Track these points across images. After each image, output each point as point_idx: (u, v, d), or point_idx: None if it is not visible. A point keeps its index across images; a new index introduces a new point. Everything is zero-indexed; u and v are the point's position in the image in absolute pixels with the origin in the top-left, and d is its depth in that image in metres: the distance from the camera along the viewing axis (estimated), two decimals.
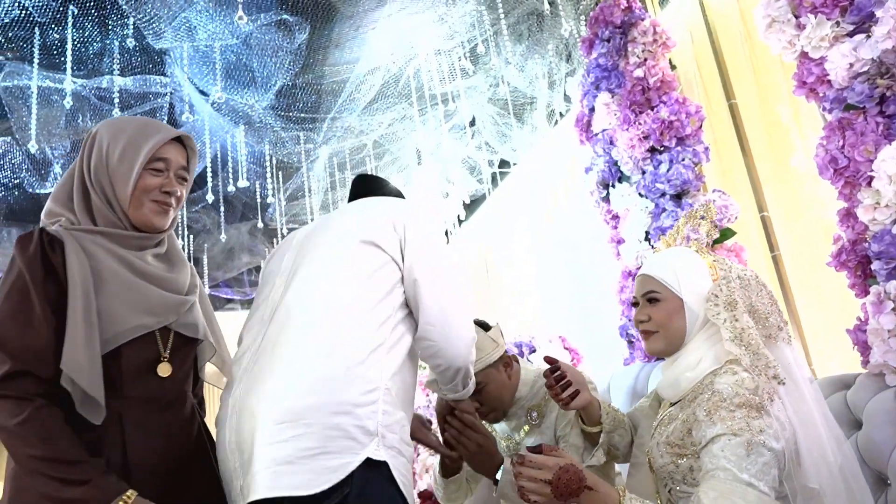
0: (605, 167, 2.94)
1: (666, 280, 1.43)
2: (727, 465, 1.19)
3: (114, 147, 1.27)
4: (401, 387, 1.31)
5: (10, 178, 4.11)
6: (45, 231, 1.20)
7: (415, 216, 1.42)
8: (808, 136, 2.78)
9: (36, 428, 1.09)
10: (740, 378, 1.28)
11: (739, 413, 1.22)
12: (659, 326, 1.43)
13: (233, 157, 4.00)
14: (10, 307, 1.14)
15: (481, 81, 3.81)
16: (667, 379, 1.44)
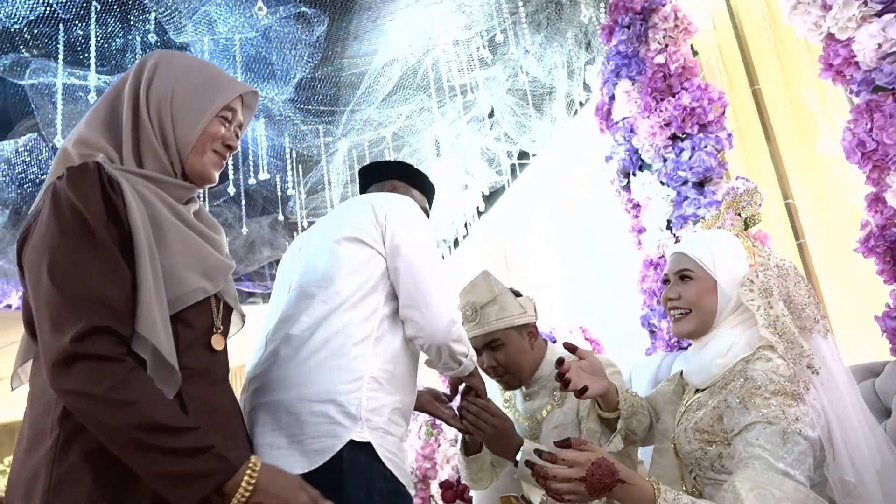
0: (625, 155, 2.91)
1: (701, 259, 1.41)
2: (762, 453, 1.17)
3: (183, 84, 1.13)
4: (394, 373, 1.42)
5: (38, 175, 4.19)
6: (103, 167, 0.99)
7: (394, 205, 1.50)
8: (834, 120, 2.73)
9: (134, 393, 0.90)
10: (774, 364, 1.26)
11: (775, 400, 1.21)
12: (689, 305, 1.40)
13: (253, 150, 4.03)
14: (72, 249, 0.93)
15: (500, 72, 3.79)
16: (695, 364, 1.42)
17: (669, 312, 1.46)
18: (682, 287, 1.42)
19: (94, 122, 1.09)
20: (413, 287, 1.42)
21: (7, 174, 4.07)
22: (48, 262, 0.92)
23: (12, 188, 4.18)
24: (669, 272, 1.48)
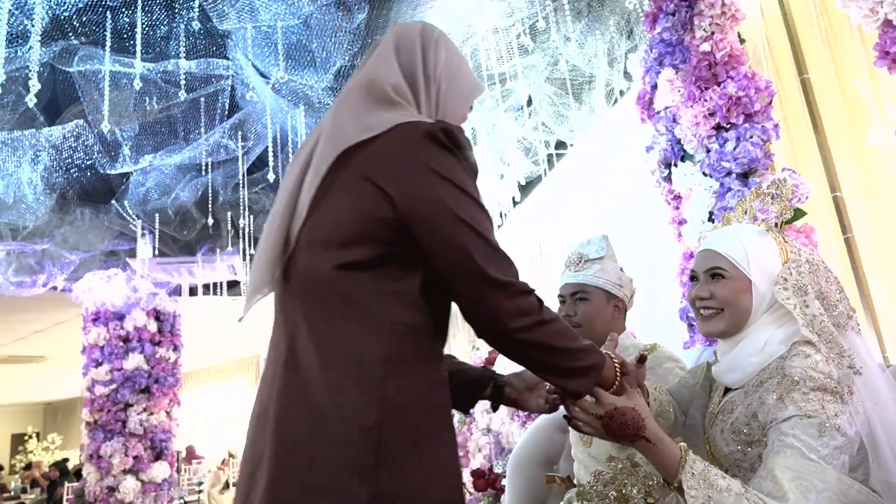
0: (667, 146, 2.86)
1: (734, 257, 1.36)
2: (795, 443, 1.14)
3: (459, 65, 1.20)
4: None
5: (84, 160, 4.31)
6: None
7: None
8: (887, 112, 2.63)
9: (551, 312, 1.08)
10: (813, 361, 1.23)
11: (814, 395, 1.18)
12: (724, 305, 1.36)
13: (292, 139, 4.08)
14: (479, 203, 1.05)
15: (539, 60, 3.75)
16: (727, 363, 1.38)
17: (697, 311, 1.42)
18: (713, 286, 1.38)
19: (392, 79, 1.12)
20: None
21: (55, 159, 4.20)
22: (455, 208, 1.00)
23: (59, 173, 4.31)
24: (699, 269, 1.43)
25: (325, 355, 0.97)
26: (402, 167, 1.00)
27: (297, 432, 0.94)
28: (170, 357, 6.93)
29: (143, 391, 6.73)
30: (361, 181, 1.00)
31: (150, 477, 6.55)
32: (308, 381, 0.97)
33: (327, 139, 1.07)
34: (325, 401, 0.94)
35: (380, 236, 1.00)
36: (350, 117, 1.07)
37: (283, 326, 1.07)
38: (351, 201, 1.01)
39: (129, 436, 6.55)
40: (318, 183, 1.04)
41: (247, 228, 5.07)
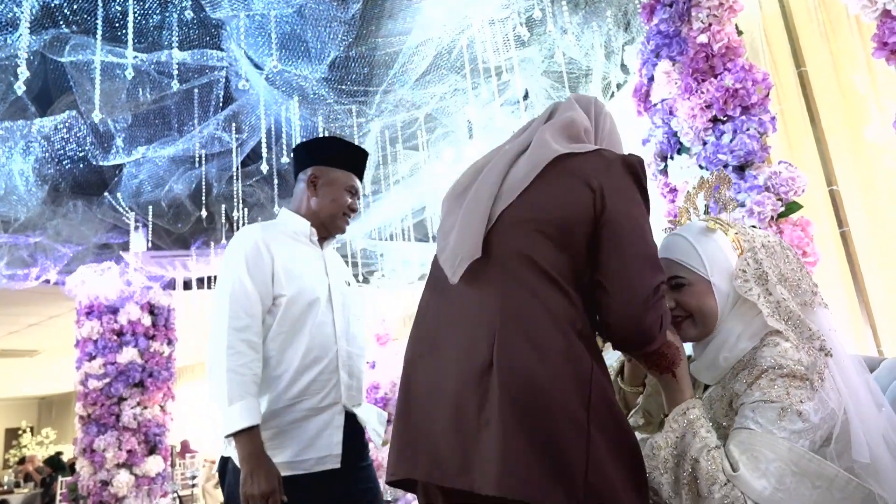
0: (663, 138, 2.84)
1: (689, 263, 1.35)
2: (751, 424, 1.17)
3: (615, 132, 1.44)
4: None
5: (76, 151, 4.27)
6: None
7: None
8: (885, 106, 2.62)
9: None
10: (783, 349, 1.23)
11: (780, 382, 1.19)
12: (690, 312, 1.34)
13: (287, 131, 4.05)
14: (646, 219, 1.24)
15: (535, 53, 3.73)
16: (703, 361, 1.36)
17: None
18: (677, 295, 1.35)
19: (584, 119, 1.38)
20: None
21: (47, 150, 4.16)
22: (640, 228, 1.20)
23: (51, 165, 4.27)
24: None
25: (534, 315, 1.12)
26: (608, 172, 1.20)
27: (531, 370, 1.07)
28: (164, 351, 6.90)
29: (137, 385, 6.70)
30: (571, 176, 1.20)
31: (143, 471, 6.52)
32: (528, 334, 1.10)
33: (538, 147, 1.26)
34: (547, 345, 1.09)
35: (577, 223, 1.17)
36: (558, 139, 1.28)
37: (476, 291, 1.18)
38: (561, 190, 1.20)
39: (122, 430, 6.52)
40: (531, 177, 1.22)
41: (241, 221, 5.04)
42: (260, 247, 1.81)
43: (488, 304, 1.14)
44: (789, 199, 2.44)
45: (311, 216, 1.95)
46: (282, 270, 1.82)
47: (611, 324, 1.16)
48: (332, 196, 1.94)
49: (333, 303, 1.90)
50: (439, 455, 1.09)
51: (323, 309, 1.86)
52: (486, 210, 1.22)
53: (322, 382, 1.82)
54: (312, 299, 1.85)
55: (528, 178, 1.23)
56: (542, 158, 1.24)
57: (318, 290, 1.87)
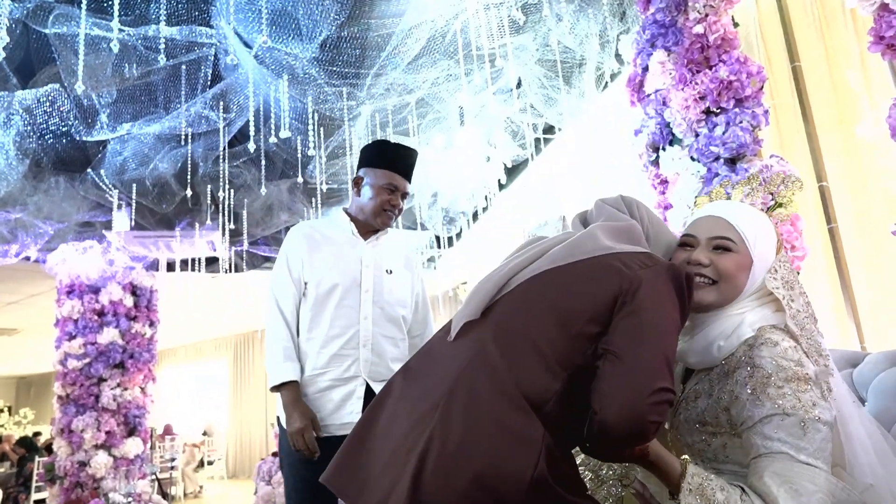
0: (656, 129, 2.82)
1: (745, 232, 1.32)
2: (783, 447, 1.12)
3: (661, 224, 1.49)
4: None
5: (59, 126, 4.18)
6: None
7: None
8: (878, 104, 2.62)
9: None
10: (782, 349, 1.20)
11: (788, 388, 1.16)
12: (721, 277, 1.31)
13: (275, 112, 3.98)
14: (674, 329, 1.21)
15: (529, 41, 3.69)
16: (694, 344, 1.34)
17: (696, 275, 1.35)
18: (716, 255, 1.33)
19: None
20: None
21: (29, 124, 4.06)
22: (666, 327, 1.13)
23: (33, 139, 4.18)
24: (700, 234, 1.37)
25: (488, 384, 1.11)
26: (648, 270, 1.18)
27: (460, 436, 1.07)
28: (145, 332, 6.82)
29: (118, 366, 6.62)
30: (608, 268, 1.18)
31: (122, 453, 6.46)
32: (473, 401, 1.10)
33: (587, 237, 1.27)
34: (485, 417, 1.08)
35: (596, 307, 1.14)
36: (610, 238, 1.28)
37: (456, 345, 1.22)
38: (591, 276, 1.18)
39: (101, 411, 6.45)
40: (567, 260, 1.22)
41: (227, 203, 4.97)
42: (300, 241, 2.19)
43: (457, 361, 1.17)
44: (780, 193, 2.44)
45: (358, 213, 2.25)
46: (312, 261, 2.15)
47: (606, 402, 1.06)
48: (371, 194, 2.20)
49: (362, 288, 2.15)
50: (369, 486, 1.12)
51: (344, 293, 2.12)
52: (502, 279, 1.25)
53: (343, 357, 2.10)
54: (332, 285, 2.12)
55: (563, 260, 1.23)
56: (587, 249, 1.24)
57: (341, 278, 2.13)
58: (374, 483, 1.10)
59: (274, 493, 7.18)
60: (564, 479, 1.09)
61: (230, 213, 5.12)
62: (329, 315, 2.11)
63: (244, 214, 5.32)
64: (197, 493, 10.41)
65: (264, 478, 7.42)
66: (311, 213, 5.55)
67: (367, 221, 2.23)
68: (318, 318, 2.12)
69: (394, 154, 2.22)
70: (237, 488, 10.93)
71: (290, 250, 2.18)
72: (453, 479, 1.02)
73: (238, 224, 5.38)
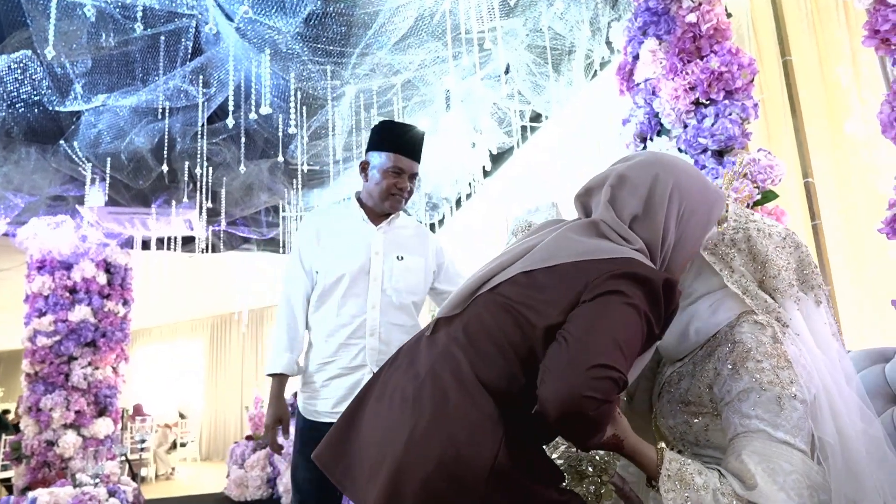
0: (644, 119, 2.79)
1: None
2: (760, 424, 1.12)
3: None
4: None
5: (31, 94, 4.03)
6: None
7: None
8: (867, 100, 2.61)
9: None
10: (762, 325, 1.22)
11: (767, 363, 1.16)
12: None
13: (257, 88, 3.88)
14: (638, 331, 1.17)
15: (519, 25, 3.63)
16: (671, 332, 1.33)
17: None
18: None
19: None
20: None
21: None
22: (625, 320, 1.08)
23: (2, 106, 4.03)
24: None
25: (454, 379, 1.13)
26: (613, 280, 1.11)
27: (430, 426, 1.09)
28: (119, 311, 6.69)
29: (89, 345, 6.50)
30: (580, 276, 1.15)
31: (91, 433, 6.35)
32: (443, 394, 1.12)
33: (569, 241, 1.23)
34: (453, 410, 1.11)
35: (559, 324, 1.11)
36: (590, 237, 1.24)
37: (432, 340, 1.25)
38: (561, 289, 1.14)
39: (71, 390, 6.33)
40: (544, 265, 1.20)
41: (205, 181, 4.86)
42: (310, 231, 2.20)
43: (430, 355, 1.20)
44: (766, 187, 2.41)
45: (367, 199, 2.23)
46: (322, 250, 2.16)
47: (545, 382, 1.04)
48: (378, 178, 2.16)
49: (371, 276, 2.13)
50: (352, 471, 1.17)
51: (352, 282, 2.11)
52: (482, 279, 1.26)
53: (350, 346, 2.09)
54: (340, 275, 2.11)
55: (541, 263, 1.22)
56: (566, 254, 1.21)
57: (347, 266, 2.12)
58: (357, 469, 1.15)
59: (246, 476, 7.12)
60: (530, 468, 1.10)
61: (208, 191, 5.00)
62: (336, 304, 2.11)
63: (222, 193, 5.21)
64: (169, 475, 10.31)
65: (237, 461, 7.35)
66: (291, 194, 5.45)
67: (375, 206, 2.21)
68: (326, 308, 2.13)
69: (398, 135, 2.18)
70: (210, 471, 10.84)
71: (302, 241, 2.20)
72: (419, 468, 1.04)
73: (216, 203, 5.27)
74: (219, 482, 8.18)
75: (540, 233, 1.34)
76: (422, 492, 1.03)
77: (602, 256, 1.18)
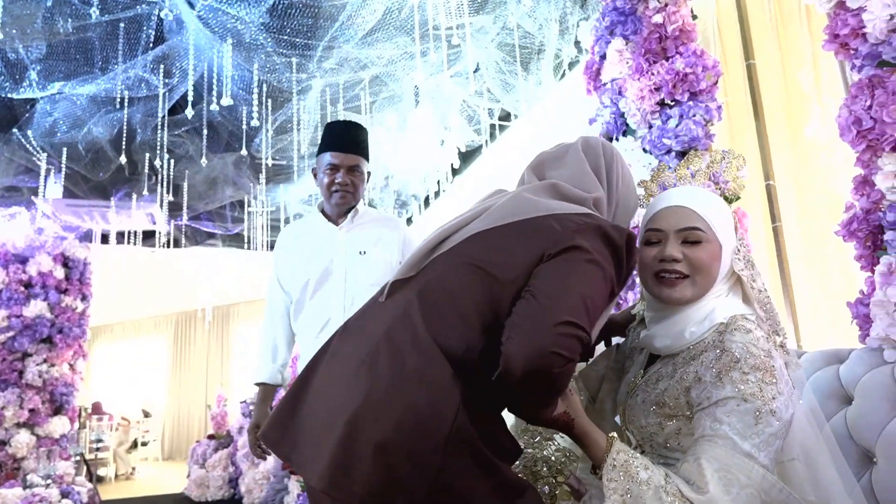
0: (610, 118, 2.79)
1: (711, 220, 1.26)
2: (729, 432, 1.09)
3: (631, 181, 1.41)
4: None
5: None
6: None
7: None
8: (827, 105, 2.65)
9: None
10: (754, 337, 1.17)
11: (753, 376, 1.12)
12: (695, 270, 1.26)
13: (219, 79, 3.79)
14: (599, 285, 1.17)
15: (489, 22, 3.61)
16: (663, 329, 1.29)
17: (658, 274, 1.29)
18: (688, 248, 1.27)
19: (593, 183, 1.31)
20: None
21: None
22: (591, 275, 1.10)
23: None
24: (668, 227, 1.29)
25: (411, 340, 1.11)
26: (578, 234, 1.13)
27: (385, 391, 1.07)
28: (77, 307, 6.48)
29: (45, 341, 6.29)
30: (542, 230, 1.15)
31: (46, 432, 6.15)
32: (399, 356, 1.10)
33: (526, 200, 1.24)
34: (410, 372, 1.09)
35: (520, 266, 1.12)
36: (548, 196, 1.26)
37: (386, 305, 1.22)
38: (521, 240, 1.15)
39: (25, 387, 6.12)
40: (499, 223, 1.20)
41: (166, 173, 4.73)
42: (280, 245, 2.29)
43: (385, 320, 1.17)
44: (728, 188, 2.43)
45: (324, 202, 2.28)
46: (289, 262, 2.22)
47: (511, 339, 1.02)
48: (320, 180, 2.22)
49: (334, 277, 2.16)
50: (299, 444, 1.13)
51: (317, 286, 2.15)
52: (437, 239, 1.25)
53: None
54: (305, 281, 2.15)
55: (499, 221, 1.21)
56: (524, 210, 1.21)
57: (310, 272, 2.15)
58: (305, 441, 1.11)
59: (207, 476, 6.98)
60: (490, 439, 1.07)
61: (170, 184, 4.87)
62: (309, 310, 2.17)
63: (185, 187, 5.08)
64: (129, 475, 10.06)
65: (198, 460, 7.20)
66: (257, 189, 5.35)
67: (330, 208, 2.26)
68: (303, 315, 2.18)
69: (330, 133, 2.24)
70: (172, 470, 10.61)
71: (275, 257, 2.29)
72: (374, 434, 1.01)
73: (178, 197, 5.14)
74: (180, 482, 8.01)
75: (493, 196, 1.34)
76: (376, 459, 1.00)
77: (562, 212, 1.18)
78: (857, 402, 1.71)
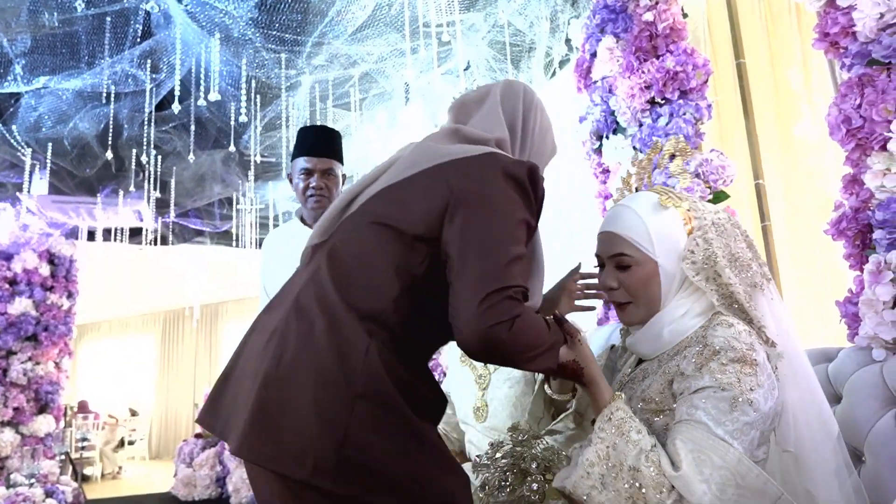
0: (601, 116, 2.78)
1: (637, 240, 1.24)
2: (703, 417, 1.09)
3: (548, 129, 1.41)
4: None
5: None
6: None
7: None
8: (817, 104, 2.66)
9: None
10: (736, 331, 1.17)
11: (732, 367, 1.12)
12: (632, 296, 1.26)
13: (207, 75, 3.75)
14: (514, 225, 1.19)
15: (480, 20, 3.59)
16: (645, 334, 1.29)
17: (611, 301, 1.32)
18: (621, 275, 1.26)
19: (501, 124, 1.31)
20: None
21: None
22: (503, 227, 1.09)
23: None
24: (603, 255, 1.31)
25: (320, 303, 1.12)
26: (478, 175, 1.13)
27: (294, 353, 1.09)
28: (63, 304, 6.41)
29: (30, 339, 6.22)
30: (436, 178, 1.15)
31: (31, 430, 6.08)
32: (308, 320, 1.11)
33: (427, 149, 1.23)
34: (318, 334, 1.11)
35: (425, 221, 1.12)
36: (450, 141, 1.25)
37: (301, 272, 1.25)
38: (420, 190, 1.15)
39: (10, 385, 6.05)
40: (401, 176, 1.19)
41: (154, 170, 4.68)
42: (264, 254, 2.31)
43: (297, 286, 1.19)
44: (718, 187, 2.43)
45: (302, 209, 2.29)
46: (270, 269, 2.22)
47: (455, 328, 1.06)
48: (296, 185, 2.22)
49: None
50: (221, 417, 1.15)
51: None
52: (344, 202, 1.26)
53: None
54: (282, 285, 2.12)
55: (402, 174, 1.20)
56: (426, 159, 1.20)
57: (287, 274, 2.19)
58: (228, 413, 1.13)
59: (194, 475, 6.93)
60: (408, 390, 1.08)
61: (157, 181, 4.82)
62: None
63: (172, 183, 5.03)
64: (115, 474, 9.98)
65: (185, 459, 7.15)
66: (246, 186, 5.31)
67: (307, 213, 2.27)
68: None
69: (303, 138, 2.25)
70: (159, 469, 10.53)
71: (261, 266, 2.30)
72: (283, 398, 1.04)
73: (166, 194, 5.09)
74: (167, 481, 7.95)
75: (401, 150, 1.34)
76: (284, 420, 1.02)
77: (462, 156, 1.17)
78: (846, 401, 1.71)
